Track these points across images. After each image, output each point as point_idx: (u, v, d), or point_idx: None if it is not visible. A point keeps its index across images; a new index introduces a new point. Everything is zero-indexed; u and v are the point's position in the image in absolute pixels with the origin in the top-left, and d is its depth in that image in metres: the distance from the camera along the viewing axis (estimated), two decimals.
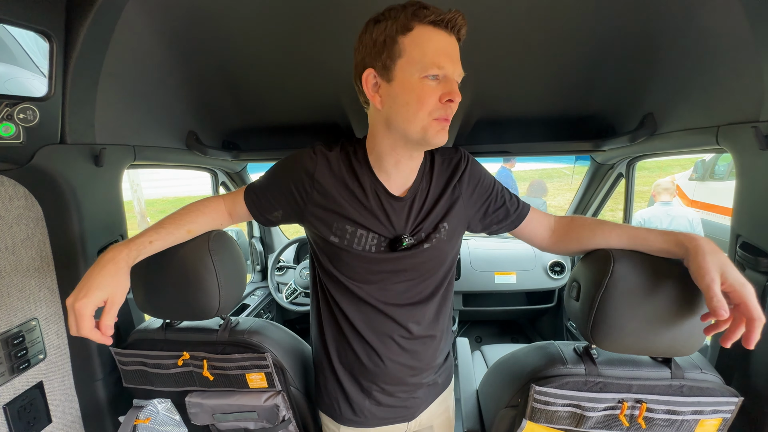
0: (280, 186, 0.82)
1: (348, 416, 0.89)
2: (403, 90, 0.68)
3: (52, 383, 0.93)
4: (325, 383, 0.91)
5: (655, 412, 0.75)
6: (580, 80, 1.16)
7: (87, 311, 0.63)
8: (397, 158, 0.77)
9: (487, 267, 2.16)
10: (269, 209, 0.84)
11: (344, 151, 0.82)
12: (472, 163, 0.86)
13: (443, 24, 0.65)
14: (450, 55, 0.67)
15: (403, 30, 0.65)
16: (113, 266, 0.67)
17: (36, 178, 0.85)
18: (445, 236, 0.82)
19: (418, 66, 0.66)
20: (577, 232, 0.85)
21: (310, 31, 0.99)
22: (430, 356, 0.88)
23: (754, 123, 0.77)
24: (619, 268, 0.72)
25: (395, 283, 0.82)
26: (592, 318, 0.73)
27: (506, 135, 1.45)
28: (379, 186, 0.80)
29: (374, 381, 0.86)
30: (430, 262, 0.83)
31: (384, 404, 0.88)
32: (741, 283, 0.61)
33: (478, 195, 0.86)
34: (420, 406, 0.93)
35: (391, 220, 0.80)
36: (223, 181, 1.92)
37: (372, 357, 0.84)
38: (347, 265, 0.81)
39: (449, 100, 0.67)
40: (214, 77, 1.17)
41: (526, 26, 0.96)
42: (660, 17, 0.89)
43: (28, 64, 0.74)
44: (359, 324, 0.83)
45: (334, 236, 0.79)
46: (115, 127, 0.99)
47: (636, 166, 1.61)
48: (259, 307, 2.13)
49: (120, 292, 0.67)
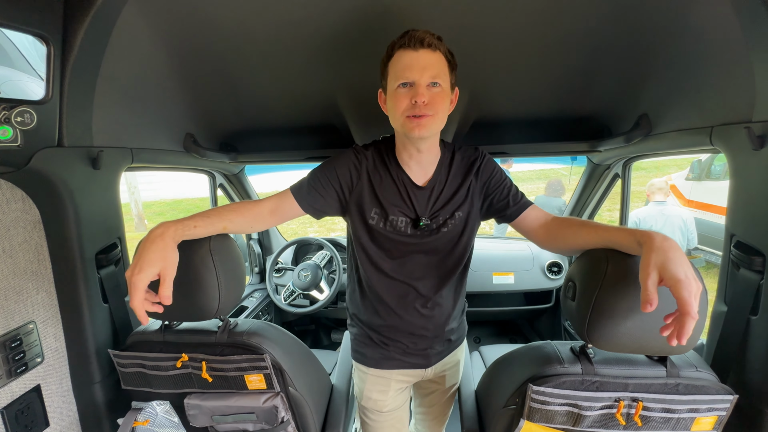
0: (330, 181, 0.96)
1: (376, 357, 1.10)
2: (389, 99, 0.88)
3: (50, 386, 0.93)
4: (357, 336, 1.13)
5: (651, 410, 0.75)
6: (576, 81, 1.17)
7: (141, 284, 0.71)
8: (409, 152, 0.94)
9: (485, 267, 2.17)
10: (318, 200, 0.96)
11: (377, 149, 1.00)
12: (487, 161, 1.00)
13: (407, 45, 0.82)
14: (413, 66, 0.82)
15: (388, 57, 0.87)
16: (161, 242, 0.74)
17: (33, 181, 0.85)
18: (460, 222, 0.98)
19: (393, 79, 0.85)
20: (563, 232, 0.90)
21: (307, 33, 0.99)
22: (444, 322, 1.07)
23: (746, 123, 0.78)
24: (615, 267, 0.72)
25: (416, 260, 0.99)
26: (588, 317, 0.73)
27: (503, 136, 1.46)
28: (405, 176, 0.97)
29: (398, 336, 1.06)
30: (448, 244, 0.99)
31: (408, 351, 1.08)
32: (676, 280, 0.61)
33: (488, 188, 0.99)
34: (435, 357, 1.12)
35: (414, 206, 0.97)
36: (221, 183, 1.92)
37: (394, 318, 1.03)
38: (380, 243, 0.98)
39: (415, 101, 0.83)
40: (212, 79, 1.17)
41: (523, 28, 0.97)
42: (653, 19, 0.90)
43: (26, 68, 0.74)
44: (386, 294, 1.01)
45: (372, 219, 0.97)
46: (113, 130, 0.99)
47: (632, 166, 1.63)
48: (258, 309, 2.13)
49: (171, 265, 0.74)
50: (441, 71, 0.84)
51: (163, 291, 0.72)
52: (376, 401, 1.14)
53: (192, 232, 0.80)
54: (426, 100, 0.82)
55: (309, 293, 2.04)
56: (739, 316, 0.84)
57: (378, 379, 1.13)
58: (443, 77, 0.84)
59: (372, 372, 1.12)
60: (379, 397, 1.14)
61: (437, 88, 0.84)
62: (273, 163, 1.66)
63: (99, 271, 0.99)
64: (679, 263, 0.63)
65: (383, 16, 0.93)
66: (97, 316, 0.98)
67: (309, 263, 2.08)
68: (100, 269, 0.99)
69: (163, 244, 0.74)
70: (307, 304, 2.06)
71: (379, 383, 1.13)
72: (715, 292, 0.93)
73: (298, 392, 0.95)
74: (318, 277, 2.03)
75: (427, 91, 0.83)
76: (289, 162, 1.63)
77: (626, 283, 0.70)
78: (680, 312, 0.62)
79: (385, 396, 1.14)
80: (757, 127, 0.76)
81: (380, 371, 1.12)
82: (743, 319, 0.83)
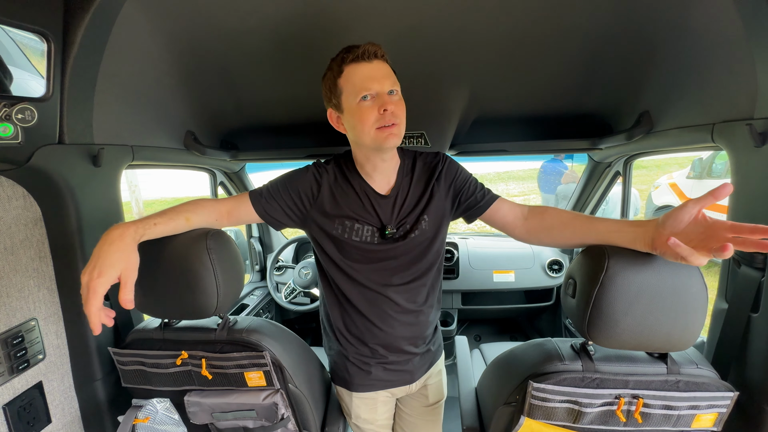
0: (289, 192, 0.95)
1: (358, 381, 1.06)
2: (351, 116, 0.87)
3: (52, 383, 0.93)
4: (336, 359, 1.10)
5: (651, 407, 0.75)
6: (576, 79, 1.16)
7: (102, 289, 0.66)
8: (373, 163, 0.94)
9: (485, 266, 2.17)
10: (275, 209, 0.94)
11: (337, 164, 0.99)
12: (449, 164, 1.01)
13: (361, 58, 0.83)
14: (373, 77, 0.83)
15: (338, 74, 0.86)
16: (122, 243, 0.70)
17: (34, 179, 0.85)
18: (428, 227, 0.97)
19: (352, 95, 0.84)
20: (548, 225, 0.90)
21: (307, 31, 0.99)
22: (421, 328, 1.05)
23: (748, 120, 0.78)
24: (614, 264, 0.72)
25: (388, 267, 0.97)
26: (588, 314, 0.73)
27: (504, 134, 1.46)
28: (367, 187, 0.97)
29: (377, 350, 1.02)
30: (417, 249, 0.98)
31: (389, 368, 1.06)
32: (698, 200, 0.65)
33: (453, 189, 1.00)
34: (418, 371, 1.10)
35: (379, 214, 0.96)
36: (222, 181, 1.92)
37: (372, 330, 1.00)
38: (348, 253, 0.96)
39: (384, 110, 0.83)
40: (213, 77, 1.17)
41: (523, 26, 0.97)
42: (655, 17, 0.90)
43: (26, 65, 0.74)
44: (360, 304, 0.99)
45: (336, 230, 0.95)
46: (113, 127, 0.99)
47: (633, 164, 1.62)
48: (258, 306, 2.13)
49: (132, 267, 0.70)
50: (395, 80, 0.87)
51: (125, 294, 0.68)
52: (365, 419, 1.12)
53: (152, 230, 0.78)
54: (393, 108, 0.83)
55: (309, 291, 2.05)
56: (740, 313, 0.84)
57: (363, 401, 1.10)
58: (398, 85, 0.87)
59: (356, 395, 1.09)
60: (368, 416, 1.12)
61: (396, 96, 0.86)
62: (273, 161, 1.67)
63: None
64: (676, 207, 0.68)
65: (380, 12, 0.93)
66: None
67: (310, 261, 2.08)
68: None
69: (123, 245, 0.70)
70: (307, 302, 2.06)
71: (365, 404, 1.10)
72: (716, 290, 0.92)
73: (298, 389, 0.95)
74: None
75: (389, 99, 0.84)
76: (290, 160, 1.63)
77: (626, 280, 0.70)
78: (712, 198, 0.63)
79: (374, 414, 1.12)
80: (759, 124, 0.76)
81: (365, 394, 1.09)
82: (744, 316, 0.83)
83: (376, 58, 0.84)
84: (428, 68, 1.13)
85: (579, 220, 0.86)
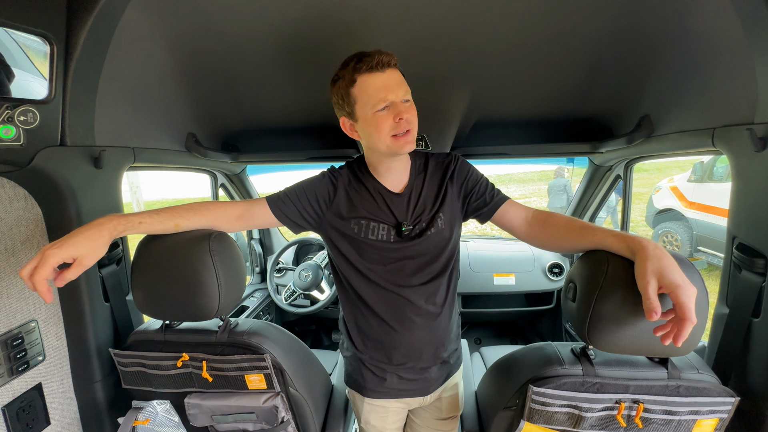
0: (307, 196, 0.96)
1: (371, 387, 1.05)
2: (366, 125, 0.88)
3: (51, 385, 0.93)
4: (352, 362, 1.08)
5: (652, 412, 0.75)
6: (577, 83, 1.17)
7: (53, 260, 0.66)
8: (387, 165, 0.97)
9: (486, 269, 2.16)
10: (292, 211, 0.96)
11: (351, 167, 1.02)
12: (461, 163, 1.02)
13: (375, 68, 0.83)
14: (388, 87, 0.84)
15: (350, 84, 0.85)
16: (97, 231, 0.71)
17: (36, 180, 0.85)
18: (443, 225, 0.98)
19: (368, 105, 0.85)
20: (550, 231, 0.91)
21: (309, 34, 1.00)
22: (440, 333, 1.02)
23: (748, 125, 0.78)
24: (615, 269, 0.72)
25: (405, 266, 0.97)
26: (589, 318, 0.73)
27: (505, 137, 1.46)
28: (381, 186, 0.98)
29: (394, 355, 1.00)
30: (433, 248, 0.98)
31: (404, 377, 1.03)
32: (676, 285, 0.63)
33: (464, 189, 1.01)
34: (434, 382, 1.06)
35: (394, 212, 0.97)
36: (223, 183, 1.93)
37: (390, 333, 0.99)
38: (365, 254, 0.96)
39: (400, 119, 0.84)
40: (214, 79, 1.17)
41: (524, 29, 0.97)
42: (655, 21, 0.90)
43: (29, 67, 0.75)
44: (377, 306, 0.98)
45: (352, 230, 0.96)
46: (115, 129, 0.99)
47: (634, 168, 1.62)
48: (258, 308, 2.13)
49: (91, 256, 0.70)
50: (407, 87, 0.88)
51: (67, 274, 0.67)
52: (374, 426, 1.11)
53: (136, 228, 0.78)
54: (408, 116, 0.85)
55: (310, 293, 2.05)
56: (741, 318, 0.84)
57: (375, 407, 1.09)
58: (410, 92, 0.89)
59: (368, 401, 1.08)
60: (377, 423, 1.11)
61: (409, 103, 0.88)
62: (274, 163, 1.67)
63: (100, 270, 0.99)
64: (675, 269, 0.65)
65: (382, 14, 0.93)
66: (98, 314, 0.98)
67: (310, 263, 2.08)
68: (101, 268, 0.99)
69: (97, 233, 0.71)
70: (307, 304, 2.06)
71: (376, 411, 1.09)
72: (717, 294, 0.92)
73: (299, 392, 0.95)
74: (319, 277, 2.03)
75: (404, 108, 0.85)
76: (291, 162, 1.63)
77: (627, 285, 0.70)
78: (679, 317, 0.63)
79: (384, 422, 1.11)
80: (760, 129, 0.76)
81: (377, 401, 1.07)
82: (745, 321, 0.83)
83: (390, 66, 0.85)
84: (429, 71, 1.14)
85: (573, 231, 0.86)
